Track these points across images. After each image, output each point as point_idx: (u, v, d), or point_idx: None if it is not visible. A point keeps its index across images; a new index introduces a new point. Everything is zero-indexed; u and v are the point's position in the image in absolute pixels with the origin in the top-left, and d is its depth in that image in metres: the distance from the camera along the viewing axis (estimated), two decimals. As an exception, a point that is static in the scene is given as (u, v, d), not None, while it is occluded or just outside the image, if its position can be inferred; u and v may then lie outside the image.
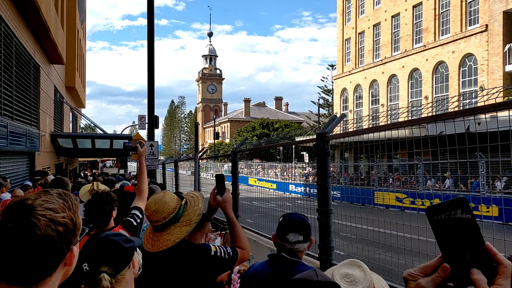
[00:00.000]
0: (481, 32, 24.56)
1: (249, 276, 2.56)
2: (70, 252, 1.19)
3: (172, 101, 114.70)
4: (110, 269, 1.75)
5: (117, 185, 8.47)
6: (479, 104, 2.94)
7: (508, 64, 22.84)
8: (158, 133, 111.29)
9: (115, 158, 35.88)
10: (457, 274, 0.81)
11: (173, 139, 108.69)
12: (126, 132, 44.27)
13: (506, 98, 14.73)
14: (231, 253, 2.44)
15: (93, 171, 36.77)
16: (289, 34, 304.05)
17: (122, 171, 33.23)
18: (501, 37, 23.18)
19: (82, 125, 42.92)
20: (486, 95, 2.90)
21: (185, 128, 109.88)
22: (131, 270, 1.85)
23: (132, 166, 37.27)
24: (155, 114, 15.02)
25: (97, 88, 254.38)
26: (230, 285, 2.82)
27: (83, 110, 34.28)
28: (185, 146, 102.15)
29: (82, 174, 29.28)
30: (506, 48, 22.81)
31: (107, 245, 1.80)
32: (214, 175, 2.79)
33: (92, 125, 27.27)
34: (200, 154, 10.80)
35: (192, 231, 2.70)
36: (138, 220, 3.43)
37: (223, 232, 4.85)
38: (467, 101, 19.33)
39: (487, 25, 24.09)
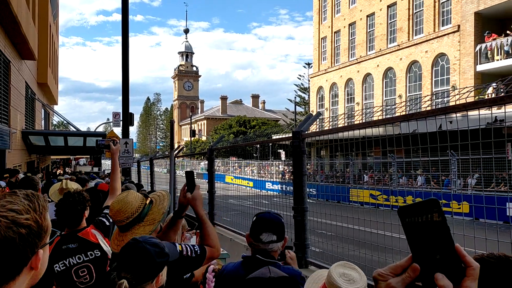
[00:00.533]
0: (454, 32, 25.07)
1: (225, 277, 2.53)
2: (35, 255, 1.14)
3: (148, 98, 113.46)
4: (131, 277, 1.70)
5: (91, 183, 8.33)
6: (450, 104, 3.00)
7: (479, 64, 23.38)
8: (133, 130, 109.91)
9: (88, 156, 35.23)
10: (426, 275, 0.82)
11: (148, 137, 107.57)
12: (100, 129, 43.62)
13: (477, 97, 15.10)
14: (198, 251, 2.40)
15: (66, 169, 36.07)
16: (266, 32, 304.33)
17: (96, 169, 32.69)
18: (473, 37, 23.71)
19: (54, 122, 42.03)
20: (457, 94, 2.96)
21: (161, 125, 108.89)
22: (153, 285, 1.80)
23: (106, 164, 36.70)
24: (130, 111, 14.84)
25: (71, 85, 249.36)
26: (205, 285, 2.80)
27: (55, 107, 33.56)
28: (161, 144, 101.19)
29: (59, 172, 28.65)
30: (477, 48, 23.36)
31: (139, 253, 1.75)
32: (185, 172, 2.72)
33: (65, 122, 26.71)
34: (176, 152, 10.71)
35: (166, 229, 2.67)
36: (111, 220, 3.37)
37: (199, 231, 4.81)
38: (440, 100, 19.74)
39: (459, 26, 24.61)
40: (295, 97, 57.68)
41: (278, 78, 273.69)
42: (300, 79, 59.85)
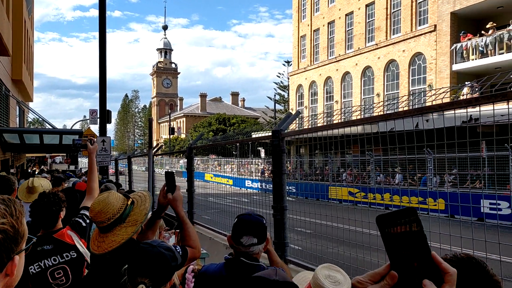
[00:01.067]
0: (430, 32, 25.49)
1: (207, 279, 2.51)
2: (11, 261, 1.12)
3: (126, 95, 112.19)
4: (149, 282, 1.71)
5: (69, 183, 8.17)
6: (427, 104, 3.05)
7: (455, 63, 23.83)
8: (110, 128, 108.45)
9: (65, 154, 34.64)
10: (404, 282, 0.84)
11: (126, 134, 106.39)
12: (77, 126, 42.94)
13: (453, 97, 15.40)
14: (180, 252, 2.40)
15: (42, 167, 35.40)
16: (246, 29, 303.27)
17: (72, 167, 32.18)
18: (449, 37, 24.14)
19: (30, 120, 41.19)
20: (434, 95, 3.01)
21: (139, 123, 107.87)
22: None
23: (83, 162, 36.16)
24: (108, 108, 14.61)
25: (47, 81, 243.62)
26: (184, 285, 2.78)
27: (31, 104, 32.86)
28: (139, 141, 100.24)
29: (36, 171, 28.07)
30: (453, 47, 23.81)
31: (155, 257, 1.77)
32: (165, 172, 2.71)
33: (40, 119, 26.21)
34: (154, 150, 10.62)
35: (144, 230, 2.64)
36: (88, 221, 3.32)
37: (178, 230, 4.78)
38: (417, 99, 20.04)
39: (435, 25, 25.03)
40: (275, 95, 57.75)
41: (258, 76, 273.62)
42: (279, 77, 60.04)
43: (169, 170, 3.25)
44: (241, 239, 2.43)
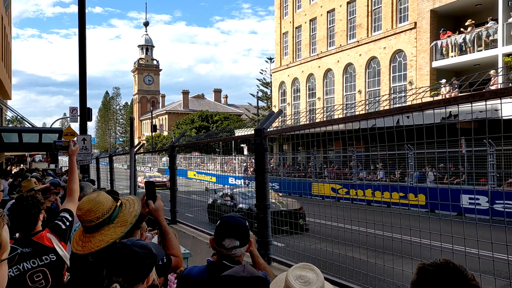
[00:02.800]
0: (410, 29, 25.78)
1: (189, 282, 2.50)
2: None
3: (107, 92, 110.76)
4: (123, 281, 1.76)
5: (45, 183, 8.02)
6: (407, 102, 3.08)
7: (435, 60, 24.17)
8: (91, 125, 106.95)
9: (44, 153, 34.06)
10: None
11: (107, 132, 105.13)
12: (57, 125, 42.25)
13: (433, 93, 15.62)
14: (165, 259, 2.39)
15: (21, 166, 34.77)
16: (229, 26, 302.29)
17: (52, 166, 31.69)
18: (429, 34, 24.46)
19: (8, 118, 40.38)
20: (414, 94, 3.04)
21: (121, 120, 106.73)
22: (144, 286, 1.87)
23: (63, 160, 35.68)
24: (88, 106, 14.38)
25: (26, 78, 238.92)
26: (166, 286, 2.78)
27: (9, 102, 32.22)
28: (120, 139, 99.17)
29: (14, 171, 27.52)
30: (433, 44, 24.13)
31: (128, 256, 1.82)
32: (144, 182, 2.71)
33: (19, 117, 25.69)
34: (136, 149, 10.53)
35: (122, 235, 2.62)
36: (68, 223, 3.27)
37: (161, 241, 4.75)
38: (397, 96, 20.28)
39: (415, 23, 25.32)
40: (258, 92, 57.67)
41: (241, 73, 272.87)
42: (262, 73, 59.91)
43: (150, 178, 3.22)
44: (223, 241, 2.42)
